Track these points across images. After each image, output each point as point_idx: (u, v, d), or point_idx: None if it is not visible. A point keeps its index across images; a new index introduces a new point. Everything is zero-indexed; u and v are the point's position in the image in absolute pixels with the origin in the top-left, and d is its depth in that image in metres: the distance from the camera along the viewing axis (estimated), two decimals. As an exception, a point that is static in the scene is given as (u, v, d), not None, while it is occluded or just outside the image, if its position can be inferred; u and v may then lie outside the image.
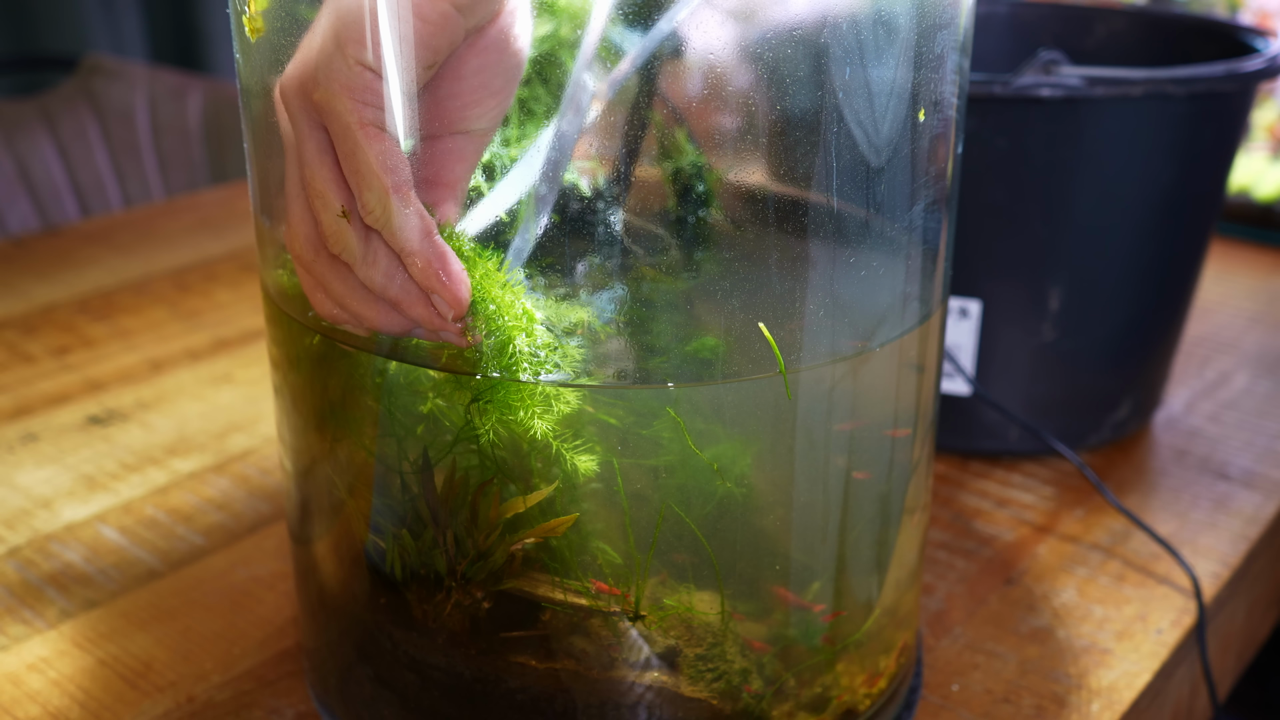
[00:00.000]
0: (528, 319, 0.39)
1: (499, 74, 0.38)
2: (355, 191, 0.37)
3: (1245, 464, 0.75)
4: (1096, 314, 0.71)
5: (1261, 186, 1.14)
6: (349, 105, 0.36)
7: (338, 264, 0.39)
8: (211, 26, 2.07)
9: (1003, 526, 0.68)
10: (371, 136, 0.37)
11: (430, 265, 0.37)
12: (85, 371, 0.86)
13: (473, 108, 0.38)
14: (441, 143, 0.39)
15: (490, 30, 0.37)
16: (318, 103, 0.37)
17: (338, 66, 0.36)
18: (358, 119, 0.36)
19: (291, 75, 0.38)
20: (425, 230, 0.37)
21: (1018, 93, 0.64)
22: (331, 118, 0.37)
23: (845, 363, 0.43)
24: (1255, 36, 0.75)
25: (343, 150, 0.37)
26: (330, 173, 0.38)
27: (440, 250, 0.38)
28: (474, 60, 0.38)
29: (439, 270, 0.37)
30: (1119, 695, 0.55)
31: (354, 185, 0.37)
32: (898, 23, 0.40)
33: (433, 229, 0.38)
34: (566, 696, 0.44)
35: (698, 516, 0.42)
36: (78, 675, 0.55)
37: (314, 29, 0.37)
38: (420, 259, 0.37)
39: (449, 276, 0.38)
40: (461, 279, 0.38)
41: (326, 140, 0.38)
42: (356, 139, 0.37)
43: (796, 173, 0.40)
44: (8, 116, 1.50)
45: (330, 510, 0.47)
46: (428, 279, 0.38)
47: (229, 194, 1.28)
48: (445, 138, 0.38)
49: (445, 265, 0.38)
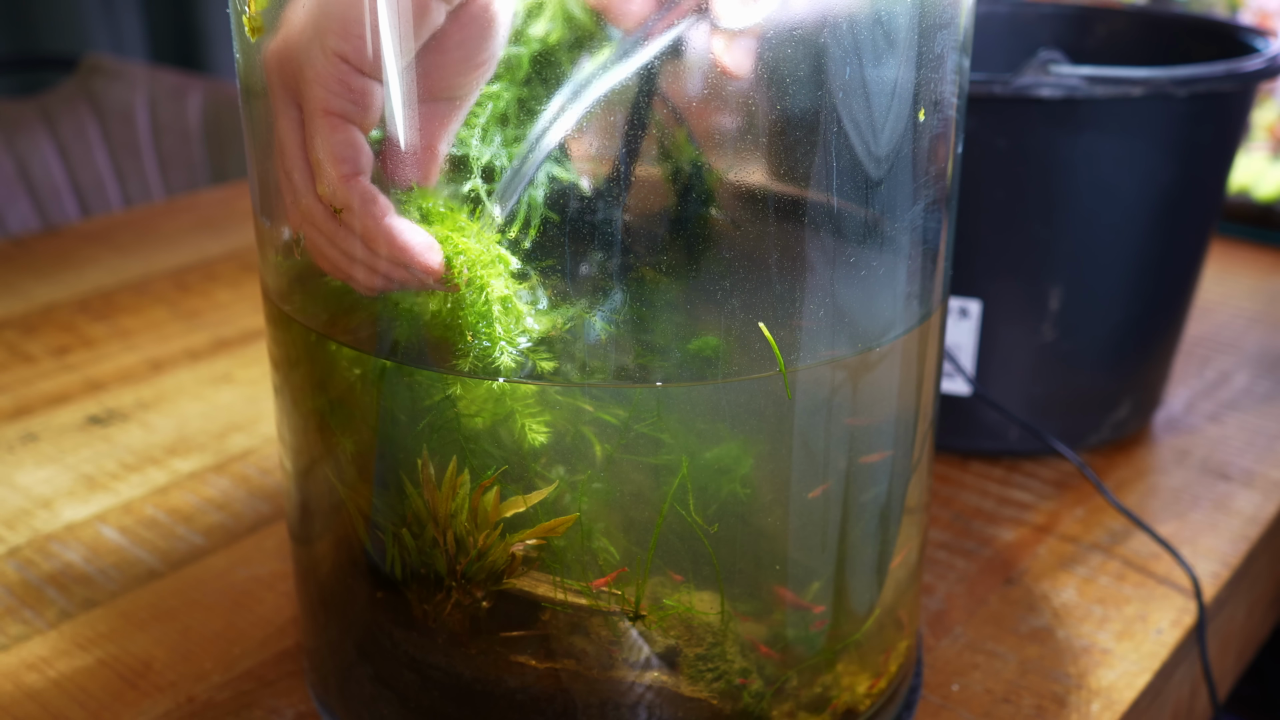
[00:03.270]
0: (502, 263, 0.39)
1: (482, 46, 0.38)
2: (316, 175, 0.38)
3: (1245, 464, 0.75)
4: (1096, 314, 0.71)
5: (1261, 186, 1.14)
6: (318, 94, 0.37)
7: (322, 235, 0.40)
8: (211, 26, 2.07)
9: (1003, 526, 0.68)
10: (334, 127, 0.37)
11: (394, 243, 0.38)
12: (85, 371, 0.86)
13: (455, 78, 0.39)
14: (421, 107, 0.39)
15: (473, 4, 0.38)
16: (290, 84, 0.38)
17: (314, 55, 0.37)
18: (324, 107, 0.37)
19: (274, 50, 0.38)
20: (381, 213, 0.38)
21: (1018, 93, 0.64)
22: (303, 100, 0.38)
23: (845, 362, 0.43)
24: (1255, 36, 0.75)
25: (308, 133, 0.38)
26: (299, 150, 0.39)
27: (399, 228, 0.38)
28: (457, 34, 0.38)
29: (404, 245, 0.38)
30: (1119, 695, 0.55)
31: (315, 168, 0.38)
32: (898, 22, 0.40)
33: (388, 210, 0.38)
34: (566, 696, 0.44)
35: (698, 516, 0.42)
36: (78, 675, 0.55)
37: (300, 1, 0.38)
38: (383, 240, 0.38)
39: (415, 248, 0.38)
40: (428, 246, 0.38)
41: (299, 118, 0.38)
42: (319, 126, 0.37)
43: (796, 172, 0.40)
44: (8, 116, 1.50)
45: (330, 510, 0.47)
46: (395, 255, 0.38)
47: (229, 194, 1.28)
48: (425, 103, 0.39)
49: (408, 239, 0.38)
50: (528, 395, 0.40)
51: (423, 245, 0.38)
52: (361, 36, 0.36)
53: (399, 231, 0.38)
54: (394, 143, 0.39)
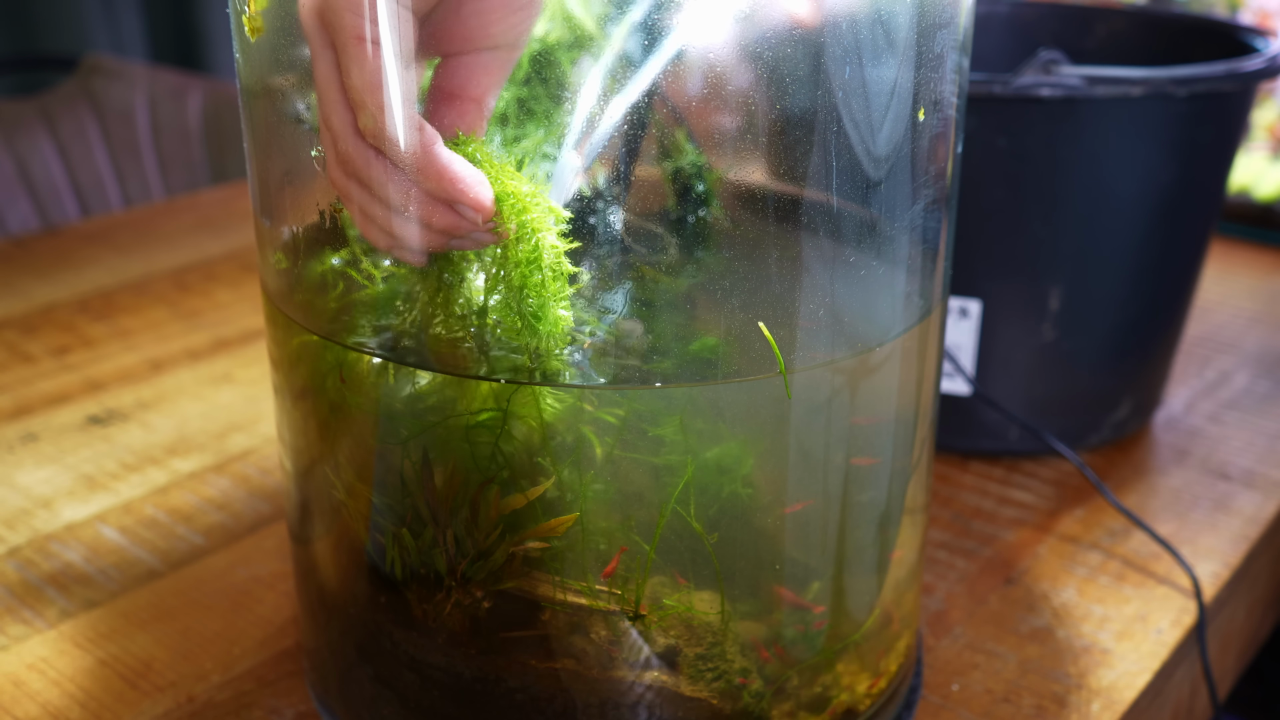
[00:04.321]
0: (555, 217, 0.38)
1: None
2: (355, 110, 0.37)
3: (1245, 464, 0.75)
4: (1096, 314, 0.71)
5: (1261, 186, 1.14)
6: (349, 20, 0.36)
7: (365, 186, 0.39)
8: (211, 26, 2.07)
9: (1003, 526, 0.68)
10: (367, 54, 0.36)
11: (442, 175, 0.37)
12: (85, 371, 0.86)
13: (496, 24, 0.38)
14: (466, 58, 0.38)
15: None
16: (325, 21, 0.37)
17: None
18: (355, 34, 0.36)
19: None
20: (429, 140, 0.37)
21: (1018, 93, 0.64)
22: (335, 34, 0.37)
23: (845, 362, 0.43)
24: (1255, 36, 0.75)
25: (343, 68, 0.37)
26: (337, 94, 0.38)
27: (448, 159, 0.37)
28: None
29: (452, 178, 0.37)
30: (1119, 695, 0.55)
31: (353, 104, 0.37)
32: (897, 22, 0.40)
33: (435, 140, 0.37)
34: (566, 696, 0.44)
35: (698, 516, 0.42)
36: (78, 675, 0.55)
37: None
38: (430, 172, 0.37)
39: (464, 181, 0.37)
40: (477, 179, 0.37)
41: (335, 59, 0.38)
42: (355, 54, 0.36)
43: (796, 172, 0.40)
44: (8, 116, 1.50)
45: (330, 510, 0.47)
46: (444, 189, 0.37)
47: (229, 194, 1.28)
48: (470, 53, 0.38)
49: (457, 171, 0.37)
50: (528, 395, 0.40)
51: (474, 178, 0.37)
52: None
53: (448, 161, 0.37)
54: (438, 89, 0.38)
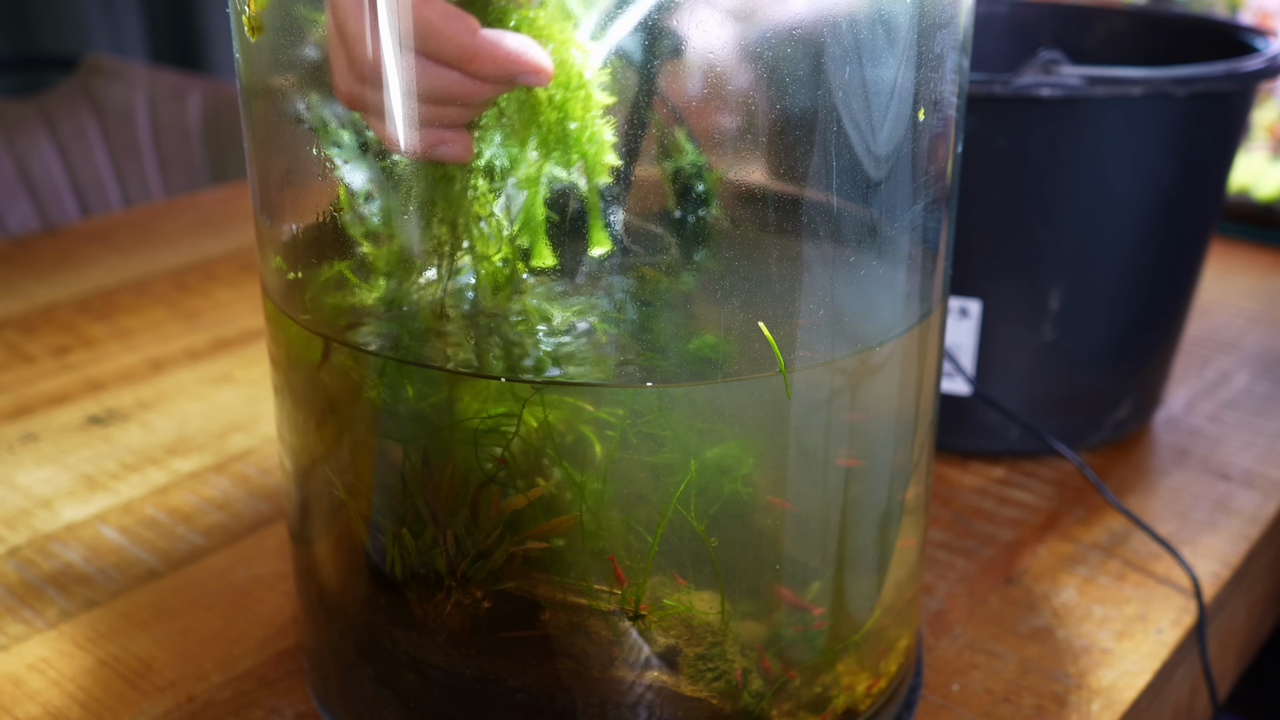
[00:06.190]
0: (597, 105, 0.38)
1: None
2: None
3: (1245, 464, 0.75)
4: (1096, 314, 0.71)
5: (1261, 186, 1.14)
6: None
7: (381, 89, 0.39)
8: (211, 26, 2.07)
9: (1003, 526, 0.68)
10: None
11: (496, 52, 0.37)
12: (85, 371, 0.86)
13: None
14: None
15: None
16: None
17: None
18: None
19: None
20: (473, 25, 0.37)
21: (1018, 92, 0.64)
22: None
23: (845, 362, 0.43)
24: (1255, 36, 0.75)
25: None
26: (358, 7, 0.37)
27: (496, 34, 0.37)
28: None
29: (507, 50, 0.37)
30: (1119, 695, 0.55)
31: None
32: (897, 22, 0.40)
33: (475, 26, 0.37)
34: (566, 696, 0.44)
35: (698, 516, 0.42)
36: (78, 675, 0.55)
37: None
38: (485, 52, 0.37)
39: (518, 48, 0.37)
40: (531, 43, 0.37)
41: None
42: None
43: (796, 172, 0.40)
44: (8, 116, 1.50)
45: (330, 510, 0.47)
46: (499, 65, 0.37)
47: (229, 194, 1.28)
48: None
49: (509, 42, 0.37)
50: (527, 394, 0.40)
51: (526, 43, 0.37)
52: None
53: (498, 37, 0.37)
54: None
